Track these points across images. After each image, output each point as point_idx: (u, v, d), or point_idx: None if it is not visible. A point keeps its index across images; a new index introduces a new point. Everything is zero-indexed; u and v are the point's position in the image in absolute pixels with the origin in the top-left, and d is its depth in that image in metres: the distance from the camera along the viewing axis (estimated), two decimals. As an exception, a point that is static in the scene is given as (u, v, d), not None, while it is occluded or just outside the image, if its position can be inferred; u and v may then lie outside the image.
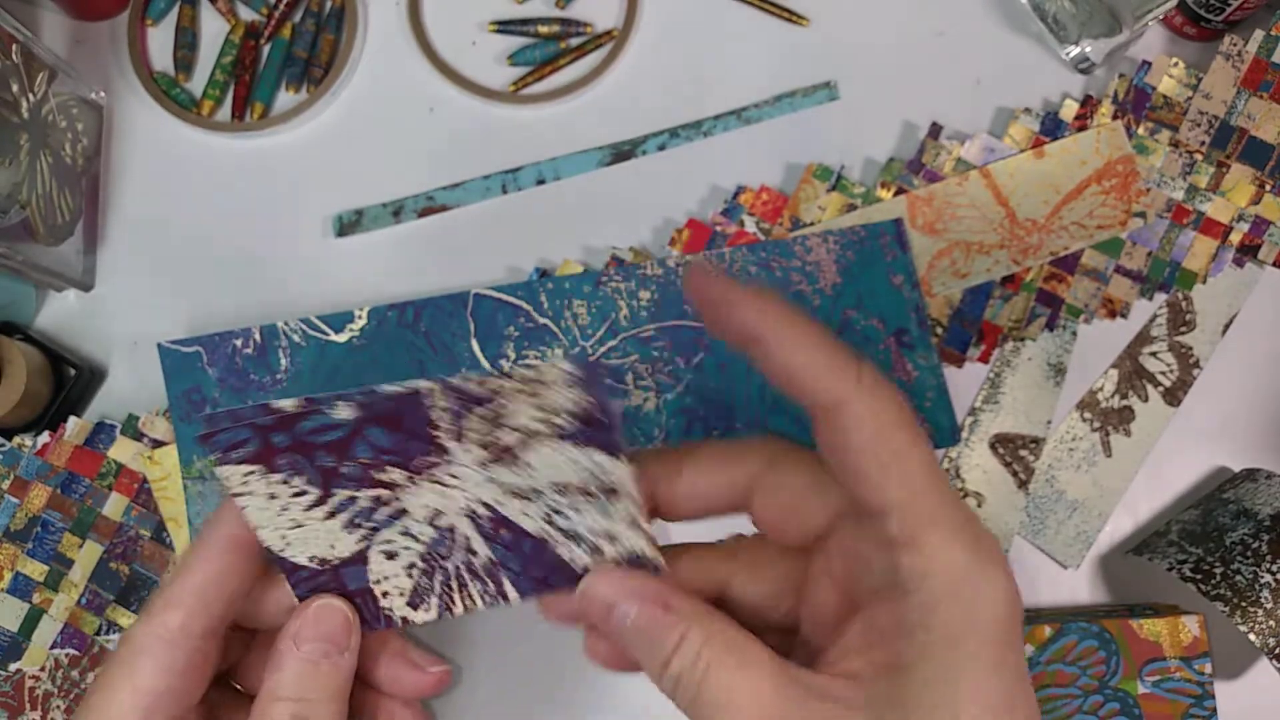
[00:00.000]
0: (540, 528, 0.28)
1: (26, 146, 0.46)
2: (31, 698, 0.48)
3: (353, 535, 0.28)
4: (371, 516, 0.28)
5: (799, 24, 0.54)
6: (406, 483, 0.27)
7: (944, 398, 0.49)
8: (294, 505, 0.27)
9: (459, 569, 0.28)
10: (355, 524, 0.28)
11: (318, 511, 0.28)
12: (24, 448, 0.49)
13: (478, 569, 0.28)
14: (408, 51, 0.54)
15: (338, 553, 0.28)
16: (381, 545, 0.28)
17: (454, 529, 0.28)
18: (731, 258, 0.50)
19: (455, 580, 0.29)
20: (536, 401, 0.26)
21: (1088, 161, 0.51)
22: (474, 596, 0.29)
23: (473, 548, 0.28)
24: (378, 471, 0.27)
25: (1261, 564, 0.43)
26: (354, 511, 0.28)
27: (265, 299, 0.52)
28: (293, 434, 0.26)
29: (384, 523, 0.28)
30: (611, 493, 0.27)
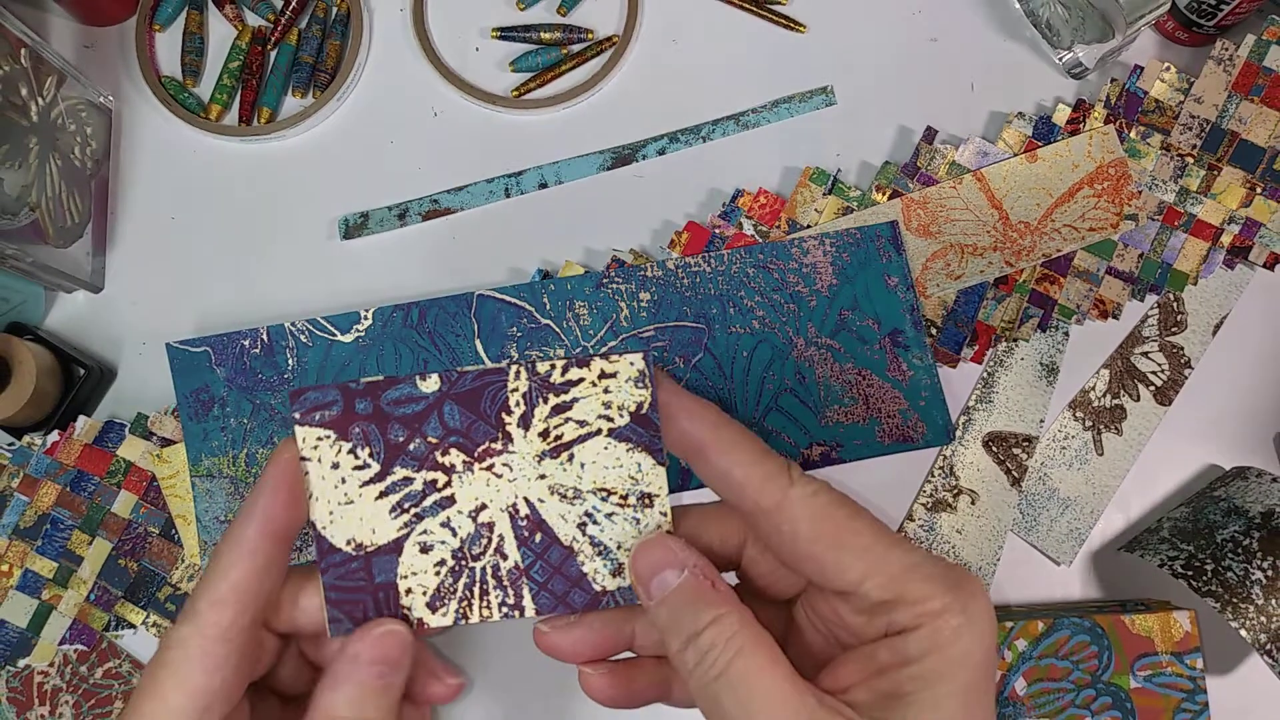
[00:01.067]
0: (572, 535, 0.29)
1: (36, 150, 0.47)
2: (40, 693, 0.49)
3: (396, 521, 0.29)
4: (420, 502, 0.29)
5: (797, 30, 0.55)
6: (463, 468, 0.29)
7: (938, 397, 0.50)
8: (352, 478, 0.29)
9: (485, 573, 0.29)
10: (402, 508, 0.29)
11: (372, 489, 0.29)
12: (34, 446, 0.50)
13: (503, 575, 0.29)
14: (412, 57, 0.55)
15: (376, 539, 0.29)
16: (420, 536, 0.29)
17: (493, 525, 0.29)
18: (730, 260, 0.50)
19: (479, 585, 0.29)
20: (606, 397, 0.28)
21: (1080, 165, 0.52)
22: (492, 606, 0.29)
23: (504, 550, 0.29)
24: (440, 453, 0.29)
25: (1252, 561, 0.44)
26: (405, 494, 0.29)
27: (272, 300, 0.52)
28: (376, 401, 0.28)
29: (429, 510, 0.29)
30: (646, 502, 0.29)
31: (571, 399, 0.28)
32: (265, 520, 0.28)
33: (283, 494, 0.28)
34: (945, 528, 0.50)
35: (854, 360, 0.50)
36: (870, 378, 0.50)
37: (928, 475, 0.50)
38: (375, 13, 0.56)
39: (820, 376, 0.50)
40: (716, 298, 0.50)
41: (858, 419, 0.49)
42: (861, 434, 0.49)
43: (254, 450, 0.49)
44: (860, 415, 0.49)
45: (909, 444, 0.49)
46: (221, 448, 0.49)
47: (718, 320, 0.50)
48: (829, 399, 0.49)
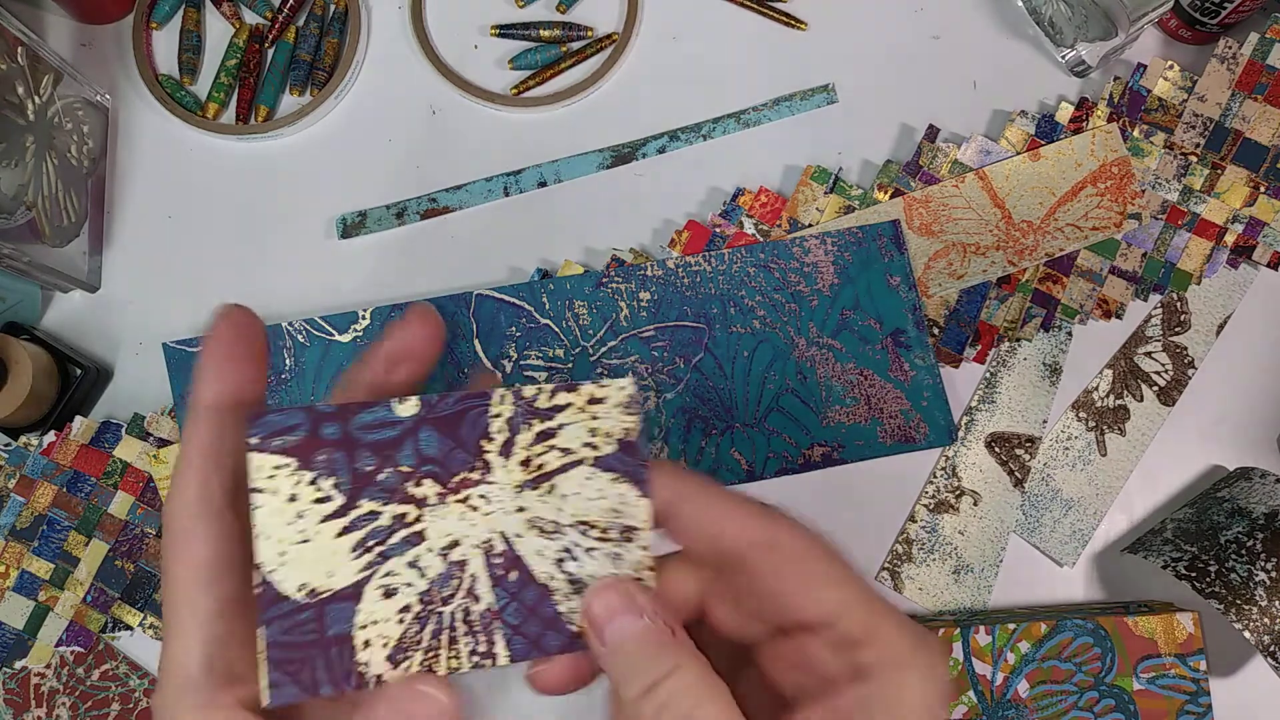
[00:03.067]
0: (549, 572, 0.27)
1: (32, 148, 0.47)
2: (37, 695, 0.48)
3: (357, 561, 0.26)
4: (386, 539, 0.27)
5: (798, 28, 0.55)
6: (437, 500, 0.27)
7: (941, 397, 0.49)
8: (311, 513, 0.26)
9: (454, 618, 0.27)
10: (366, 545, 0.26)
11: (332, 525, 0.26)
12: (30, 447, 0.49)
13: (474, 619, 0.27)
14: (410, 55, 0.55)
15: (333, 582, 0.26)
16: (383, 579, 0.27)
17: (465, 564, 0.27)
18: (730, 259, 0.50)
19: (447, 633, 0.27)
20: (593, 424, 0.27)
21: (1083, 164, 0.51)
22: (461, 655, 0.27)
23: (476, 591, 0.27)
24: (413, 484, 0.26)
25: (1256, 562, 0.44)
26: (370, 530, 0.26)
27: (269, 299, 0.52)
28: (345, 426, 0.26)
29: (396, 549, 0.27)
30: (628, 536, 0.27)
31: (558, 425, 0.27)
32: (208, 391, 0.27)
33: (220, 361, 0.27)
34: (948, 529, 0.50)
35: (856, 360, 0.49)
36: (872, 378, 0.49)
37: (930, 476, 0.50)
38: (373, 10, 0.55)
39: (822, 376, 0.49)
40: (717, 297, 0.50)
41: (859, 419, 0.49)
42: (863, 434, 0.49)
43: (251, 451, 0.49)
44: (862, 415, 0.49)
45: (911, 444, 0.49)
46: (219, 448, 0.48)
47: (718, 320, 0.50)
48: (830, 399, 0.49)
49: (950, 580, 0.49)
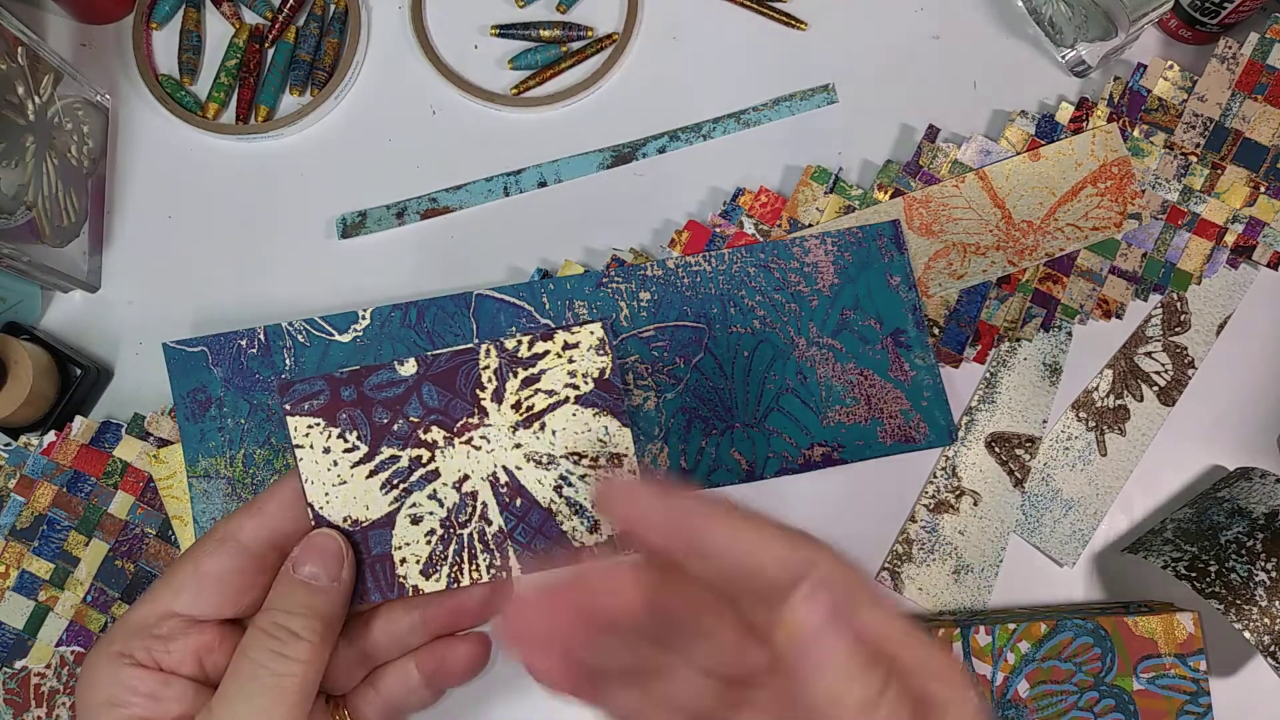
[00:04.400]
0: (549, 497, 0.31)
1: (32, 148, 0.47)
2: (37, 695, 0.48)
3: (386, 496, 0.31)
4: (408, 477, 0.31)
5: (798, 28, 0.55)
6: (444, 444, 0.31)
7: (941, 397, 0.49)
8: (343, 460, 0.31)
9: (472, 538, 0.31)
10: (392, 484, 0.31)
11: (362, 469, 0.31)
12: (30, 447, 0.49)
13: (489, 539, 0.31)
14: (410, 55, 0.55)
15: (370, 514, 0.31)
16: (410, 509, 0.31)
17: (476, 494, 0.31)
18: (730, 259, 0.50)
19: (467, 550, 0.32)
20: (571, 366, 0.31)
21: (1083, 164, 0.51)
22: (480, 569, 0.31)
23: (488, 516, 0.31)
24: (423, 431, 0.31)
25: (1256, 562, 0.44)
26: (393, 471, 0.31)
27: (269, 299, 0.52)
28: (360, 387, 0.31)
29: (416, 485, 0.31)
30: (616, 462, 0.31)
31: (539, 371, 0.31)
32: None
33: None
34: (948, 529, 0.50)
35: (856, 360, 0.49)
36: (872, 378, 0.49)
37: (930, 476, 0.50)
38: (373, 10, 0.55)
39: (822, 376, 0.49)
40: (717, 297, 0.50)
41: (859, 419, 0.49)
42: (863, 434, 0.49)
43: (251, 451, 0.49)
44: (862, 415, 0.49)
45: (911, 444, 0.49)
46: (219, 448, 0.49)
47: (718, 320, 0.50)
48: (830, 399, 0.49)
49: (950, 580, 0.49)
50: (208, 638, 0.31)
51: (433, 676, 0.34)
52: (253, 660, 0.29)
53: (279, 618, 0.30)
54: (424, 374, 0.31)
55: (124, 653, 0.30)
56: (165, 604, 0.30)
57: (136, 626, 0.30)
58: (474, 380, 0.31)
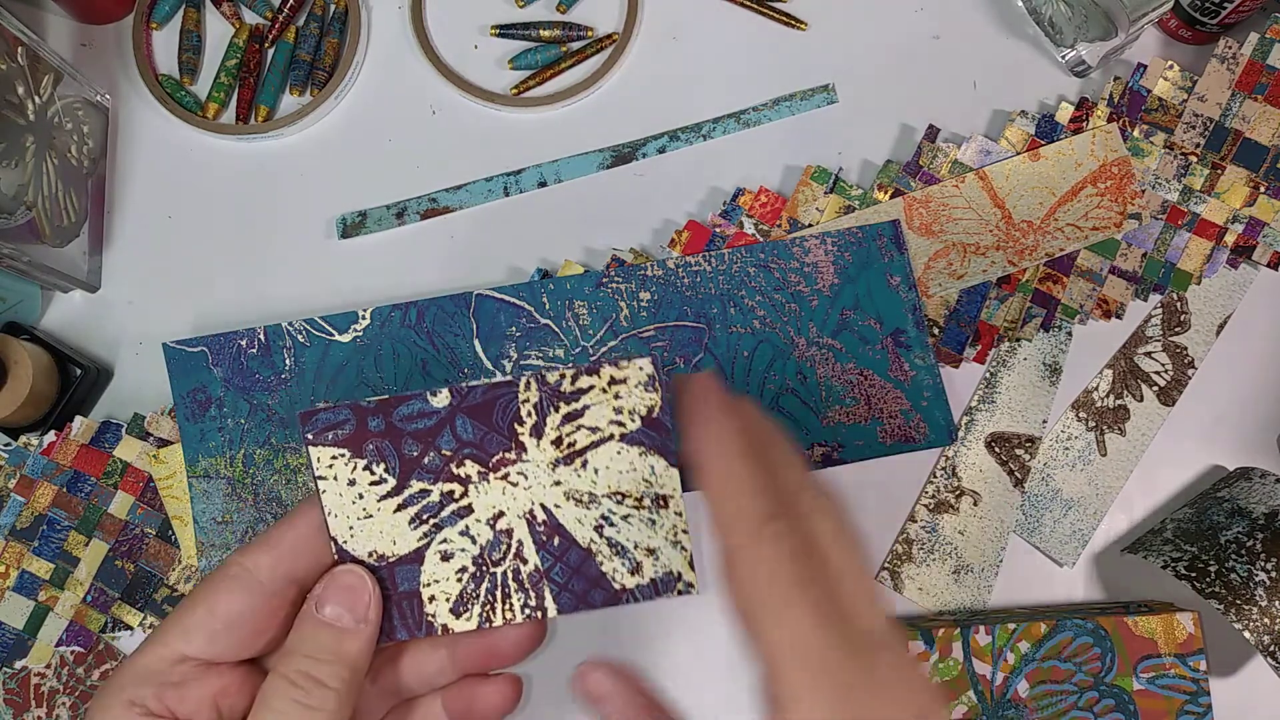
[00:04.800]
0: (589, 537, 0.30)
1: (32, 148, 0.47)
2: (37, 695, 0.48)
3: (415, 532, 0.30)
4: (439, 513, 0.29)
5: (798, 28, 0.55)
6: (479, 479, 0.29)
7: (941, 397, 0.49)
8: (369, 494, 0.29)
9: (506, 577, 0.30)
10: (421, 519, 0.30)
11: (390, 502, 0.29)
12: (30, 447, 0.49)
13: (524, 578, 0.30)
14: (410, 55, 0.55)
15: (397, 549, 0.30)
16: (440, 545, 0.30)
17: (511, 532, 0.30)
18: (730, 259, 0.50)
19: (501, 589, 0.30)
20: (617, 403, 0.29)
21: (1083, 164, 0.51)
22: (514, 608, 0.30)
23: (523, 555, 0.30)
24: (455, 465, 0.29)
25: (1256, 562, 0.44)
26: (423, 505, 0.29)
27: (269, 299, 0.52)
28: (388, 418, 0.29)
29: (448, 520, 0.30)
30: (661, 504, 0.29)
31: (582, 406, 0.29)
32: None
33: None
34: (947, 529, 0.50)
35: (856, 360, 0.49)
36: (872, 378, 0.49)
37: (930, 476, 0.50)
38: (373, 10, 0.55)
39: (822, 376, 0.49)
40: (717, 297, 0.50)
41: (859, 419, 0.49)
42: (863, 434, 0.49)
43: (251, 451, 0.49)
44: (862, 415, 0.49)
45: (911, 444, 0.49)
46: (219, 448, 0.49)
47: (718, 320, 0.50)
48: (830, 399, 0.49)
49: (950, 580, 0.49)
50: (224, 681, 0.29)
51: (461, 717, 0.32)
52: (276, 711, 0.27)
53: (302, 664, 0.28)
54: (458, 406, 0.29)
55: (135, 701, 0.28)
56: (177, 647, 0.28)
57: (147, 672, 0.28)
58: (512, 414, 0.29)
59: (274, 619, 0.29)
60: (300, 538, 0.29)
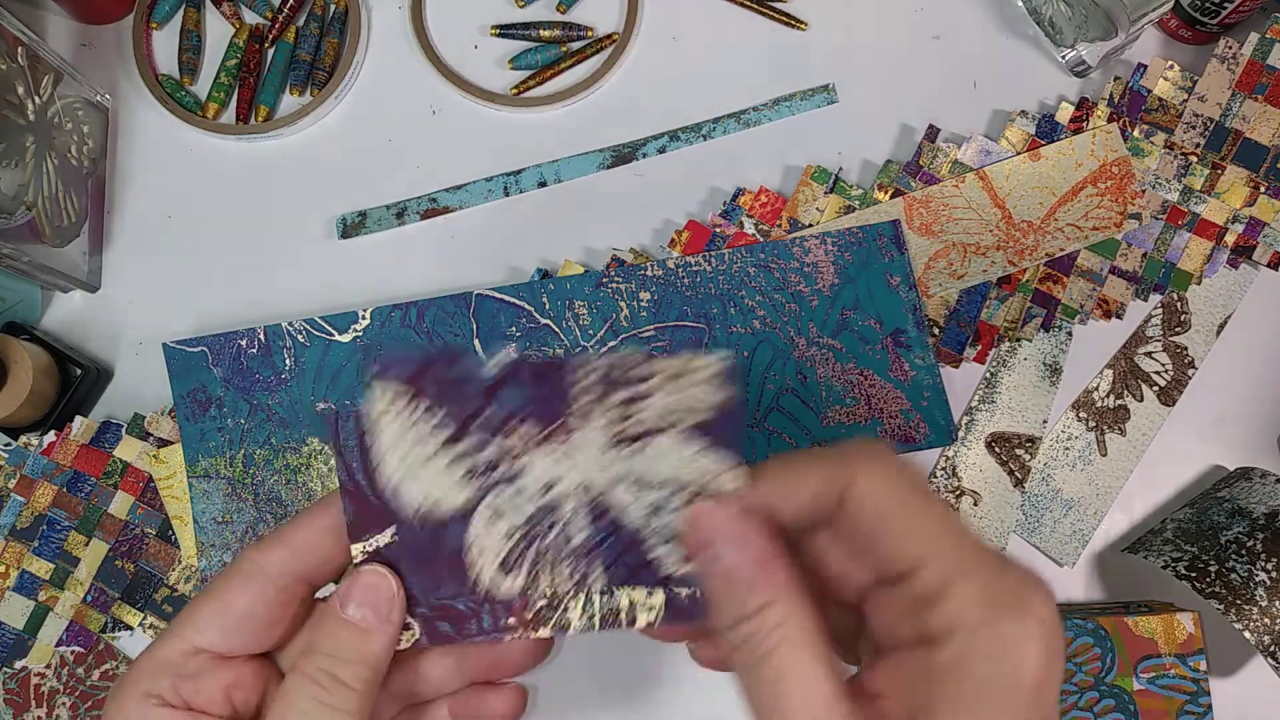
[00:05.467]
0: (640, 520, 0.29)
1: (32, 149, 0.47)
2: (37, 695, 0.48)
3: (467, 488, 0.29)
4: (491, 471, 0.29)
5: (798, 28, 0.55)
6: (535, 445, 0.29)
7: (941, 397, 0.49)
8: (428, 439, 0.29)
9: (554, 546, 0.30)
10: (474, 473, 0.29)
11: (446, 451, 0.29)
12: (30, 447, 0.49)
13: (575, 548, 0.30)
14: (410, 55, 0.55)
15: (448, 501, 0.29)
16: (491, 502, 0.29)
17: (562, 503, 0.29)
18: (730, 259, 0.50)
19: (548, 557, 0.30)
20: (677, 397, 0.28)
21: (1083, 164, 0.51)
22: (562, 577, 0.30)
23: (573, 526, 0.29)
24: (514, 426, 0.29)
25: (1256, 562, 0.44)
26: (477, 460, 0.29)
27: (269, 300, 0.52)
28: (452, 370, 0.29)
29: (500, 480, 0.29)
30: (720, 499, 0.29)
31: (649, 391, 0.29)
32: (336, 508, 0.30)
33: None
34: (947, 529, 0.50)
35: (856, 360, 0.49)
36: (872, 378, 0.49)
37: (930, 476, 0.50)
38: (373, 10, 0.55)
39: (822, 376, 0.49)
40: (717, 297, 0.50)
41: (859, 419, 0.49)
42: (863, 434, 0.49)
43: (251, 451, 0.49)
44: (862, 415, 0.49)
45: (911, 444, 0.49)
46: (219, 448, 0.49)
47: (718, 320, 0.50)
48: (831, 399, 0.49)
49: (950, 580, 0.49)
50: (237, 674, 0.29)
51: None
52: (297, 709, 0.28)
53: (324, 662, 0.28)
54: (522, 370, 0.29)
55: (151, 693, 0.28)
56: (191, 640, 0.29)
57: (162, 665, 0.29)
58: (576, 387, 0.29)
59: (285, 614, 0.30)
60: (312, 537, 0.30)
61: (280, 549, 0.29)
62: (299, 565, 0.29)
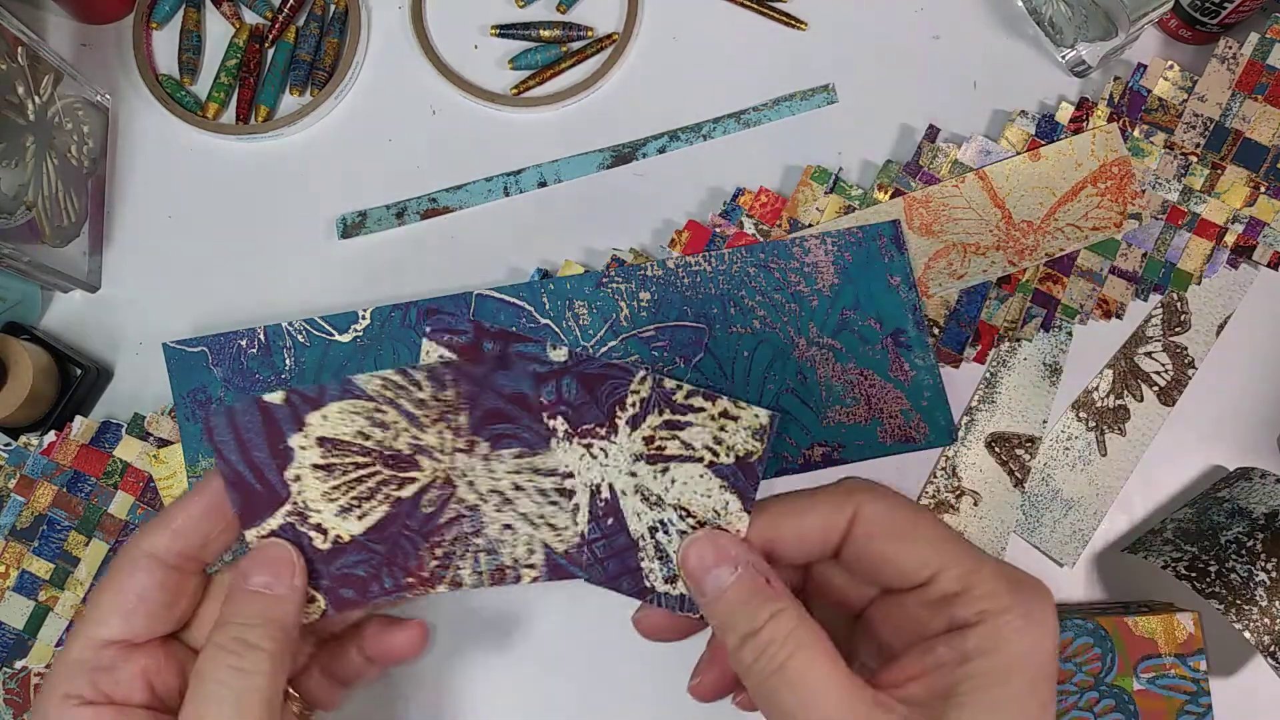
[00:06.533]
0: (641, 532, 0.30)
1: (32, 148, 0.47)
2: (37, 694, 0.48)
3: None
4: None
5: (798, 28, 0.55)
6: (564, 437, 0.30)
7: (941, 397, 0.49)
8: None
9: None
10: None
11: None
12: (30, 447, 0.49)
13: (572, 534, 0.31)
14: (410, 55, 0.55)
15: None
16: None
17: (574, 493, 0.31)
18: (730, 259, 0.50)
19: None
20: (720, 434, 0.29)
21: (1083, 164, 0.51)
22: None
23: (577, 515, 0.31)
24: (549, 416, 0.30)
25: (1256, 562, 0.44)
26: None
27: (269, 299, 0.52)
28: (504, 349, 0.30)
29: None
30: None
31: (686, 421, 0.30)
32: (216, 488, 0.31)
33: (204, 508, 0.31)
34: (947, 529, 0.50)
35: (856, 360, 0.49)
36: (872, 378, 0.49)
37: (930, 476, 0.50)
38: (373, 10, 0.55)
39: (822, 377, 0.49)
40: (717, 297, 0.50)
41: (859, 419, 0.49)
42: (863, 434, 0.49)
43: (251, 451, 0.49)
44: (862, 415, 0.49)
45: (911, 444, 0.49)
46: (219, 448, 0.49)
47: (718, 320, 0.50)
48: (831, 399, 0.49)
49: (950, 580, 0.49)
50: (149, 659, 0.30)
51: (375, 659, 0.34)
52: (214, 679, 0.29)
53: (235, 631, 0.29)
54: (572, 367, 0.30)
55: (70, 694, 0.29)
56: (97, 634, 0.30)
57: (75, 664, 0.29)
58: (618, 397, 0.30)
59: (179, 594, 0.31)
60: (192, 518, 0.31)
61: (163, 532, 0.31)
62: (183, 545, 0.31)
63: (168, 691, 0.31)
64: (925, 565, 0.28)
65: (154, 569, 0.30)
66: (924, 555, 0.28)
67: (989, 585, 0.27)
